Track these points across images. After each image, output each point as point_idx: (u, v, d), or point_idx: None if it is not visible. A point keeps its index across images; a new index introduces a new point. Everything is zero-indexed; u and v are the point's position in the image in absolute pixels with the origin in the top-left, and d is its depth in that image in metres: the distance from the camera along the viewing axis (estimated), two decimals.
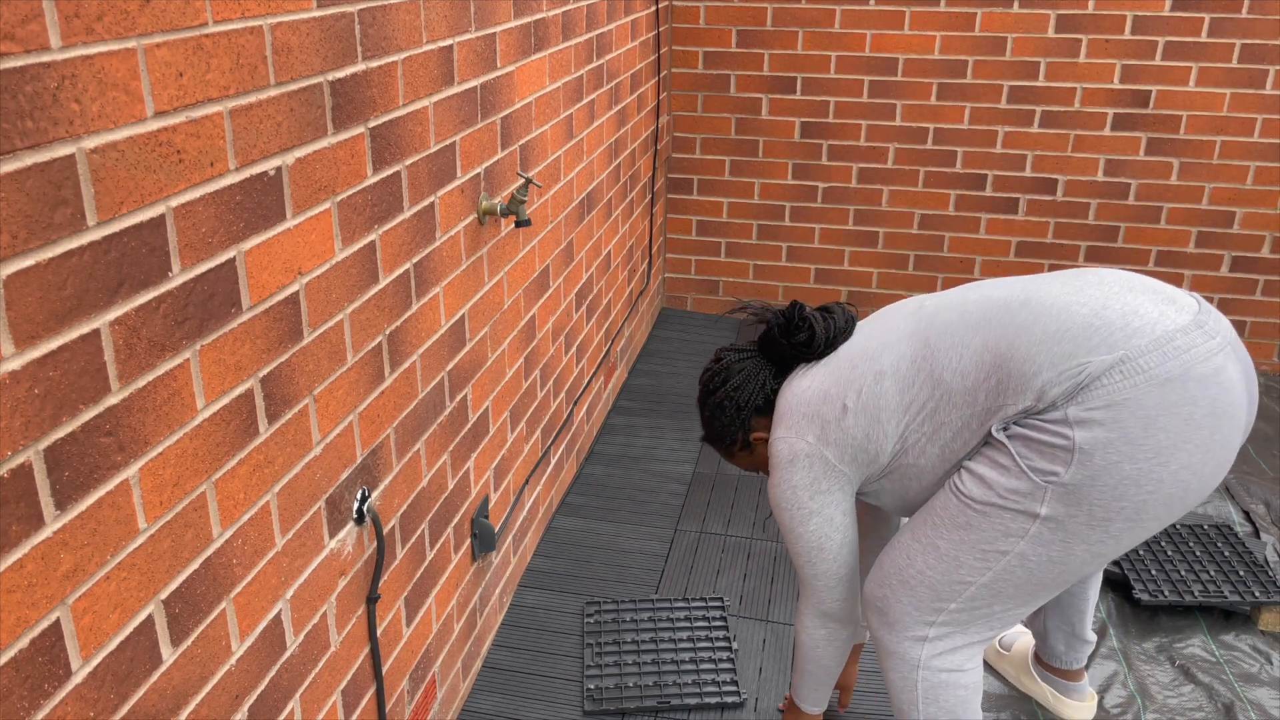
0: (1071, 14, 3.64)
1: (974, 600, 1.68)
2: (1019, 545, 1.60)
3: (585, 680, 2.29)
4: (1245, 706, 2.25)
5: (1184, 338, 1.49)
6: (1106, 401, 1.48)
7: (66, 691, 1.03)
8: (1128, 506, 1.52)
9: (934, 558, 1.68)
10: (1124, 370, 1.48)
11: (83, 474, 1.02)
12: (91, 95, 0.97)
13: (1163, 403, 1.47)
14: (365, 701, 1.75)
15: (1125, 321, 1.51)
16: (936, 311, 1.68)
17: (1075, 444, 1.50)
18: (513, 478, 2.48)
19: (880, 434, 1.69)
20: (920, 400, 1.65)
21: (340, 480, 1.57)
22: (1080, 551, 1.59)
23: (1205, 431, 1.49)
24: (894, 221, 4.06)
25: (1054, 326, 1.54)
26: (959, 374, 1.61)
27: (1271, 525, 2.88)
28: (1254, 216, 3.79)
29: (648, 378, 3.79)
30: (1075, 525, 1.55)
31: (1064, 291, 1.59)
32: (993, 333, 1.59)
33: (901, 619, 1.76)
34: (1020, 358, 1.55)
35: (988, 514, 1.60)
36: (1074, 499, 1.53)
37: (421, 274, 1.78)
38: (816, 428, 1.73)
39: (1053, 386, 1.52)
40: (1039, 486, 1.54)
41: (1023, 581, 1.64)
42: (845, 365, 1.73)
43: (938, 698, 1.78)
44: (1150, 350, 1.48)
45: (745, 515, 2.96)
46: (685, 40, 3.94)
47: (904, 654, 1.77)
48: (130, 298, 1.06)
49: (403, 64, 1.61)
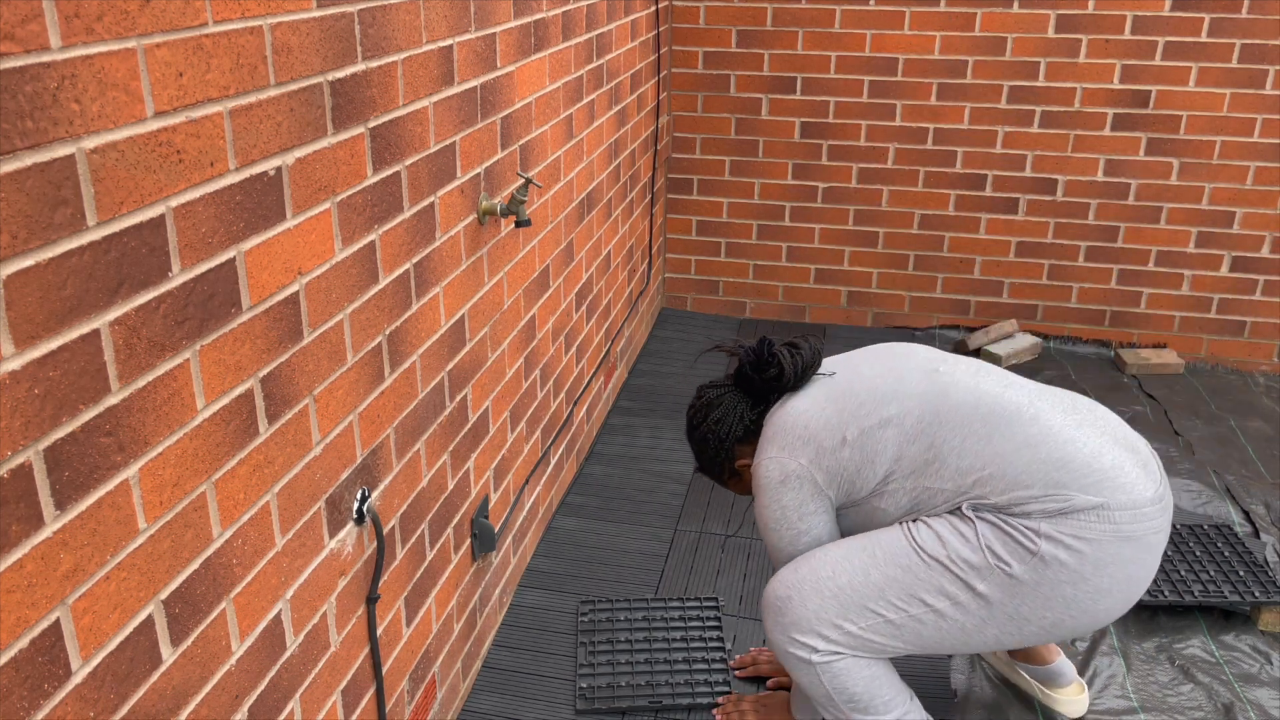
0: (1071, 14, 3.64)
1: (875, 631, 1.80)
2: (943, 605, 1.76)
3: (578, 679, 2.30)
4: (1245, 706, 2.25)
5: (1151, 508, 1.73)
6: (1077, 533, 1.69)
7: (66, 691, 1.03)
8: (1049, 618, 1.74)
9: (860, 580, 1.80)
10: (1100, 515, 1.70)
11: (83, 474, 1.02)
12: (91, 95, 0.97)
13: (1118, 555, 1.71)
14: (365, 701, 1.75)
15: (1114, 476, 1.72)
16: (951, 386, 1.83)
17: (1039, 551, 1.70)
18: (513, 478, 2.48)
19: (870, 474, 1.82)
20: (913, 458, 1.79)
21: (340, 480, 1.57)
22: (990, 633, 1.77)
23: (1137, 587, 1.76)
24: (894, 221, 4.06)
25: (1057, 455, 1.73)
26: (957, 454, 1.76)
27: (1271, 525, 2.88)
28: (1254, 216, 3.79)
29: (648, 378, 3.79)
30: (999, 612, 1.74)
31: (1067, 424, 1.78)
32: (1000, 433, 1.76)
33: (799, 622, 1.83)
34: (1019, 468, 1.73)
35: (930, 567, 1.75)
36: (1012, 591, 1.72)
37: (421, 274, 1.78)
38: (811, 451, 1.83)
39: (1035, 502, 1.71)
40: (989, 567, 1.72)
41: (926, 635, 1.79)
42: (850, 399, 1.84)
43: (846, 686, 1.85)
44: (1127, 508, 1.71)
45: (745, 515, 2.96)
46: (685, 40, 3.94)
47: (795, 654, 1.86)
48: (130, 298, 1.06)
49: (403, 64, 1.61)
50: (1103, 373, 3.87)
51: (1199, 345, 4.00)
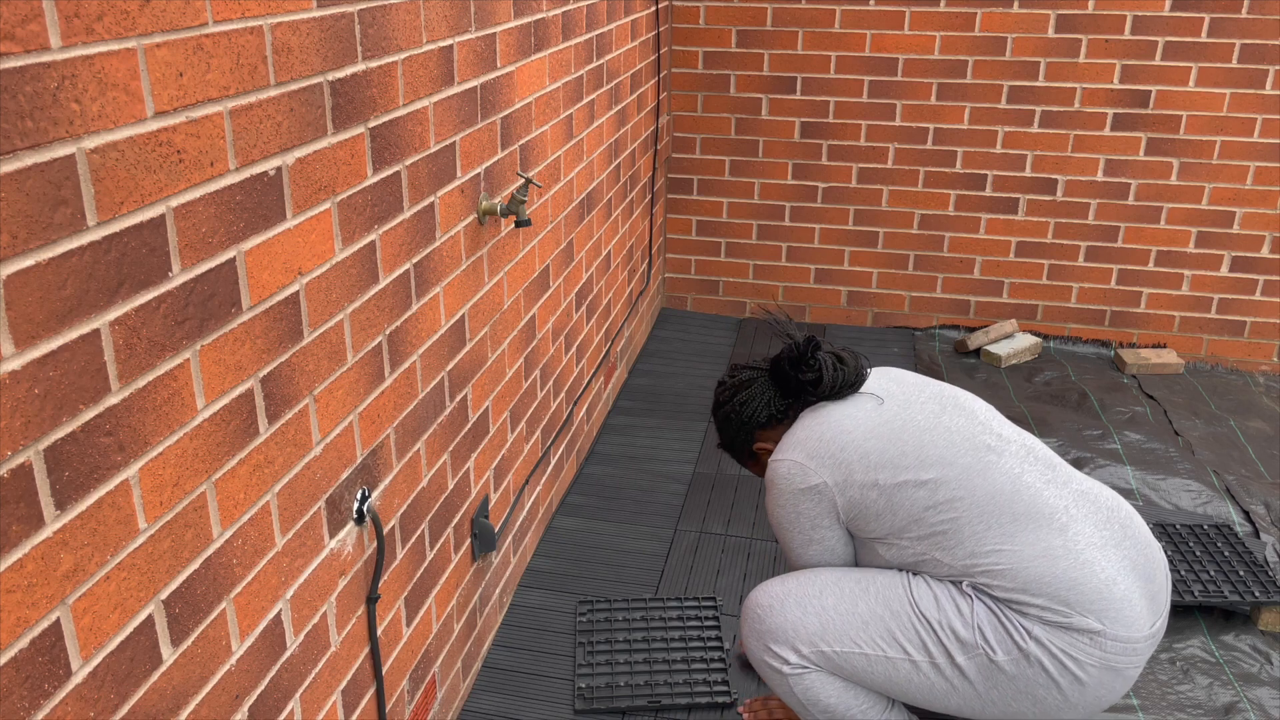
0: (1071, 14, 3.64)
1: (849, 660, 1.82)
2: (920, 659, 1.77)
3: (576, 679, 2.30)
4: (1245, 706, 2.25)
5: (1142, 644, 1.75)
6: (1066, 649, 1.71)
7: (66, 691, 1.03)
8: (1014, 709, 1.77)
9: (847, 607, 1.82)
10: (1094, 641, 1.71)
11: (83, 474, 1.02)
12: (91, 95, 0.97)
13: (1099, 682, 1.74)
14: (365, 701, 1.75)
15: (1120, 607, 1.72)
16: (995, 473, 1.78)
17: (1027, 650, 1.72)
18: (513, 478, 2.48)
19: (885, 523, 1.81)
20: (931, 524, 1.77)
21: (340, 480, 1.57)
22: (954, 702, 1.80)
23: (1100, 706, 1.79)
24: (894, 221, 4.06)
25: (1073, 575, 1.72)
26: (976, 539, 1.76)
27: (1271, 525, 2.88)
28: (1254, 216, 3.79)
29: (648, 378, 3.79)
30: (970, 689, 1.77)
31: (1093, 542, 1.76)
32: (1024, 536, 1.75)
33: (775, 631, 1.85)
34: (1031, 575, 1.73)
35: (919, 623, 1.77)
36: (988, 674, 1.75)
37: (421, 274, 1.78)
38: (842, 475, 1.81)
39: (1036, 609, 1.72)
40: (975, 645, 1.74)
41: (896, 682, 1.81)
42: (896, 444, 1.80)
43: (818, 698, 1.87)
44: (1120, 640, 1.72)
45: (745, 515, 2.96)
46: (685, 40, 3.94)
47: (768, 662, 1.88)
48: (130, 298, 1.06)
49: (403, 64, 1.61)
50: (1103, 373, 3.87)
51: (1199, 345, 4.00)
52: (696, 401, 3.61)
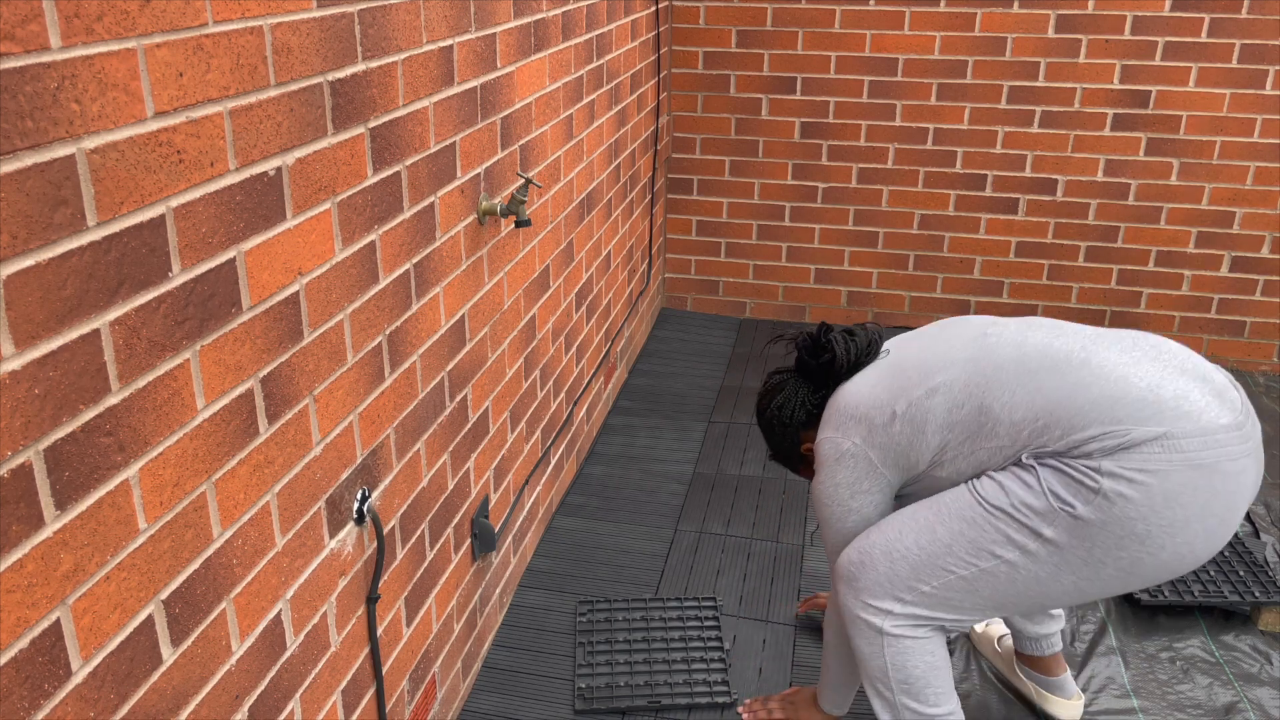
0: (1071, 14, 3.64)
1: (948, 589, 1.76)
2: (1013, 555, 1.70)
3: (576, 679, 2.30)
4: (1245, 706, 2.25)
5: (1225, 435, 1.61)
6: (1141, 466, 1.60)
7: (66, 691, 1.03)
8: (1125, 558, 1.65)
9: (927, 539, 1.77)
10: (1164, 445, 1.60)
11: (83, 474, 1.02)
12: (91, 95, 0.97)
13: (1189, 484, 1.59)
14: (365, 701, 1.75)
15: (1176, 404, 1.62)
16: (997, 346, 1.77)
17: (1102, 489, 1.61)
18: (513, 478, 2.48)
19: (923, 444, 1.78)
20: (965, 422, 1.75)
21: (340, 480, 1.57)
22: (1066, 582, 1.70)
23: (1214, 520, 1.62)
24: (894, 221, 4.06)
25: (1111, 392, 1.64)
26: (1008, 408, 1.71)
27: (1271, 525, 2.88)
28: (1254, 216, 3.79)
29: (648, 378, 3.79)
30: (1072, 556, 1.67)
31: (1122, 361, 1.69)
32: (1049, 381, 1.69)
33: (873, 588, 1.82)
34: (1072, 410, 1.65)
35: (996, 518, 1.70)
36: (1080, 533, 1.64)
37: (421, 274, 1.78)
38: (864, 429, 1.82)
39: (1094, 442, 1.63)
40: (1053, 511, 1.65)
41: (1002, 589, 1.74)
42: (899, 375, 1.82)
43: (906, 664, 1.83)
44: (1193, 435, 1.60)
45: (745, 515, 2.96)
46: (685, 40, 3.94)
47: (868, 622, 1.84)
48: (130, 298, 1.06)
49: (403, 64, 1.61)
50: None
51: (1199, 345, 4.00)
52: (696, 401, 3.61)
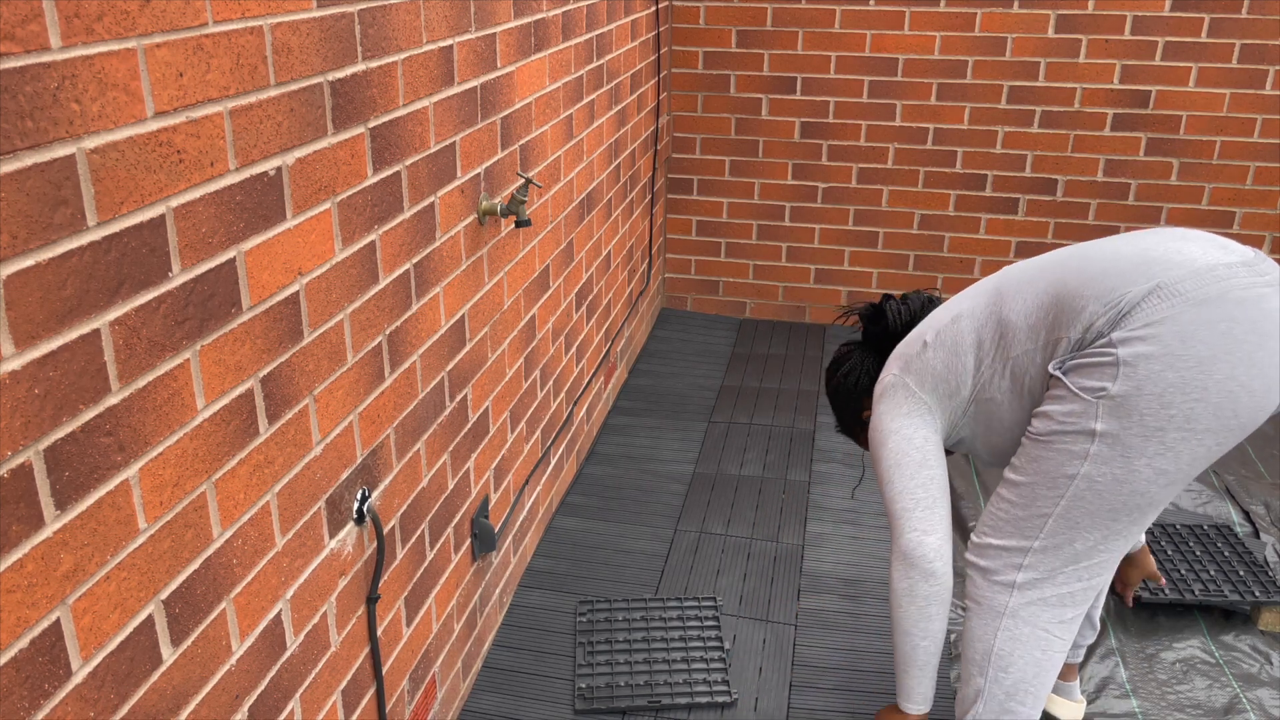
0: (1071, 14, 3.64)
1: (1054, 535, 1.75)
2: (1083, 467, 1.69)
3: (576, 679, 2.30)
4: (1245, 706, 2.25)
5: (1225, 270, 1.59)
6: (1145, 321, 1.60)
7: (66, 691, 1.03)
8: (1176, 415, 1.61)
9: (1014, 495, 1.79)
10: (1160, 294, 1.60)
11: (83, 474, 1.02)
12: (91, 95, 0.97)
13: (1198, 319, 1.57)
14: (365, 701, 1.75)
15: (1167, 259, 1.63)
16: (1016, 269, 1.86)
17: (1119, 358, 1.61)
18: (513, 478, 2.48)
19: (960, 366, 1.84)
20: (991, 337, 1.80)
21: (340, 480, 1.57)
22: (1141, 467, 1.66)
23: (1247, 346, 1.57)
24: (894, 221, 4.06)
25: (1103, 267, 1.68)
26: (1023, 314, 1.77)
27: (1271, 525, 2.88)
28: (1254, 216, 3.79)
29: (648, 378, 3.79)
30: (1130, 438, 1.64)
31: (1121, 242, 1.74)
32: (1053, 276, 1.75)
33: (992, 564, 1.83)
34: (1071, 294, 1.70)
35: (1051, 442, 1.72)
36: (1124, 410, 1.63)
37: (421, 274, 1.78)
38: (901, 362, 1.93)
39: (1098, 317, 1.65)
40: (1090, 404, 1.66)
41: (1094, 507, 1.71)
42: (931, 318, 1.94)
43: (1012, 655, 1.81)
44: (1187, 279, 1.59)
45: (745, 515, 2.96)
46: (685, 40, 3.94)
47: (991, 601, 1.83)
48: (130, 298, 1.06)
49: (403, 64, 1.61)
50: None
51: None
52: (696, 401, 3.61)
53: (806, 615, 2.54)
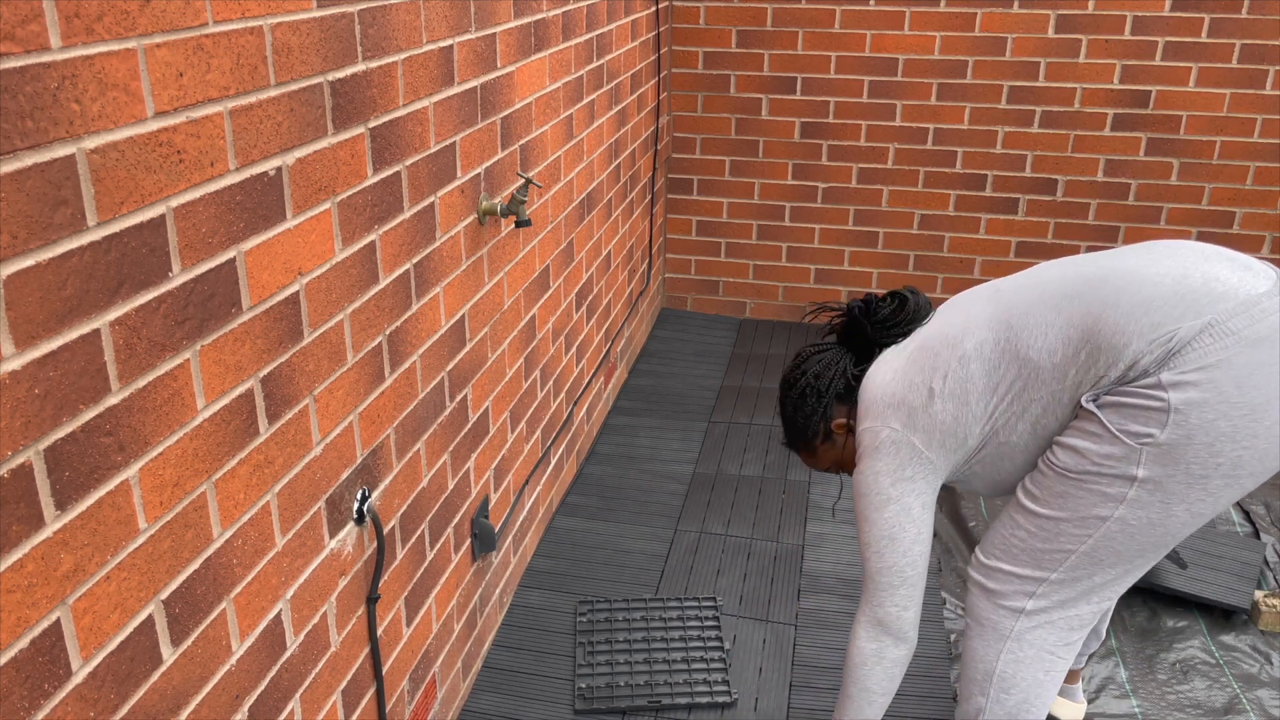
0: (1071, 14, 3.64)
1: (1074, 570, 1.69)
2: (1118, 510, 1.62)
3: (576, 679, 2.30)
4: (1245, 706, 2.25)
5: (1269, 301, 1.53)
6: (1199, 364, 1.51)
7: (66, 691, 1.03)
8: (1224, 463, 1.55)
9: (1034, 526, 1.70)
10: (1213, 333, 1.51)
11: (83, 474, 1.02)
12: (91, 95, 0.97)
13: (1253, 362, 1.51)
14: (365, 701, 1.75)
15: (1209, 288, 1.54)
16: (1013, 293, 1.71)
17: (1170, 405, 1.53)
18: (513, 478, 2.48)
19: (969, 416, 1.70)
20: (1008, 380, 1.67)
21: (340, 480, 1.57)
22: (1180, 512, 1.61)
23: None
24: (894, 221, 4.06)
25: (1140, 298, 1.56)
26: (1046, 352, 1.63)
27: (1271, 526, 2.88)
28: (1254, 216, 3.79)
29: (648, 378, 3.79)
30: (1174, 485, 1.58)
31: (1141, 264, 1.61)
32: (1076, 309, 1.61)
33: (1003, 588, 1.76)
34: (1109, 331, 1.57)
35: (1085, 482, 1.63)
36: (1170, 459, 1.56)
37: (421, 274, 1.78)
38: (903, 415, 1.73)
39: (1144, 356, 1.55)
40: (1134, 449, 1.57)
41: (1123, 548, 1.66)
42: (927, 353, 1.74)
43: (1015, 678, 1.77)
44: (1238, 314, 1.51)
45: (745, 515, 2.96)
46: (685, 40, 3.94)
47: (997, 624, 1.77)
48: (130, 298, 1.06)
49: (403, 64, 1.61)
50: None
51: None
52: (696, 401, 3.61)
53: (806, 615, 2.54)
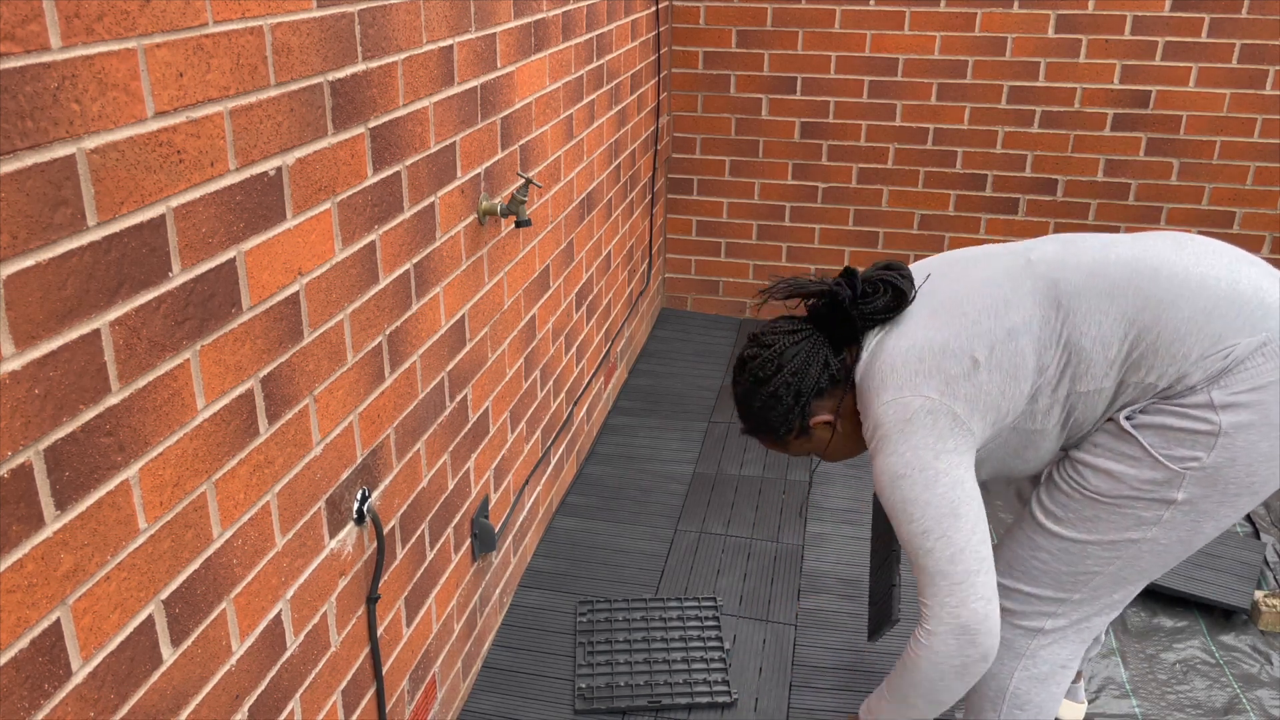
0: (1071, 14, 3.64)
1: (1098, 590, 1.66)
2: (1152, 532, 1.58)
3: (576, 679, 2.30)
4: (1245, 706, 2.25)
5: None
6: (1252, 384, 1.47)
7: (66, 691, 1.03)
8: (1256, 481, 1.53)
9: (1058, 549, 1.64)
10: (1265, 353, 1.47)
11: (83, 474, 1.02)
12: (91, 95, 0.97)
13: None
14: (365, 702, 1.75)
15: (1259, 299, 1.50)
16: (1058, 270, 1.57)
17: (1221, 428, 1.48)
18: (513, 478, 2.48)
19: (1016, 393, 1.56)
20: (1057, 365, 1.56)
21: (340, 480, 1.57)
22: (1208, 528, 1.58)
23: None
24: (894, 221, 4.06)
25: (1201, 303, 1.50)
26: (1099, 342, 1.53)
27: (1271, 526, 2.89)
28: (1254, 216, 3.79)
29: (648, 378, 3.79)
30: (1208, 505, 1.55)
31: (1185, 262, 1.54)
32: (1132, 303, 1.52)
33: (1022, 609, 1.72)
34: (1170, 335, 1.50)
35: (1120, 506, 1.57)
36: (1211, 480, 1.52)
37: (421, 274, 1.78)
38: (939, 382, 1.54)
39: (1197, 369, 1.49)
40: (1177, 474, 1.52)
41: (1149, 565, 1.62)
42: (955, 317, 1.57)
43: (1029, 695, 1.74)
44: None
45: (745, 515, 2.96)
46: (685, 40, 3.94)
47: (1012, 642, 1.73)
48: (130, 298, 1.06)
49: (403, 64, 1.61)
50: None
51: None
52: (696, 401, 3.61)
53: (806, 615, 2.54)
